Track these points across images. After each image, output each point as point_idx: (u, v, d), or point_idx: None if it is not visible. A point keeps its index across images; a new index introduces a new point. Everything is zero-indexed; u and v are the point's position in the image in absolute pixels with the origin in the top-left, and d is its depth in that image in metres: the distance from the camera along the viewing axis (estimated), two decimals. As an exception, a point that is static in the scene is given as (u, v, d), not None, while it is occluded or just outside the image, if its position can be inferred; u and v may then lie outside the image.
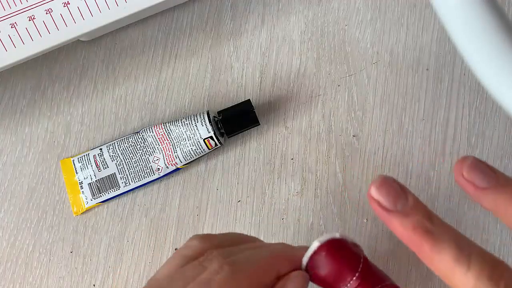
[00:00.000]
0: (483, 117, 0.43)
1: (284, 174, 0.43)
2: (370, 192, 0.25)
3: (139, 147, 0.42)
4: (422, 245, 0.23)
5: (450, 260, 0.23)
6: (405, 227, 0.24)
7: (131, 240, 0.43)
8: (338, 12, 0.44)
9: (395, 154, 0.43)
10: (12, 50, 0.38)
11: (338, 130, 0.43)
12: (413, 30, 0.44)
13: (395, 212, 0.24)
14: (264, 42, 0.44)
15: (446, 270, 0.23)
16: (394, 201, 0.24)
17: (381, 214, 0.25)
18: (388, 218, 0.24)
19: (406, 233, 0.24)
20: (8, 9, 0.38)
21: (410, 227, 0.24)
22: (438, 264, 0.23)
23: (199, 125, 0.41)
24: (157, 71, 0.45)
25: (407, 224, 0.24)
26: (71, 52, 0.45)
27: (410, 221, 0.24)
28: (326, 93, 0.44)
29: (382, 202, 0.24)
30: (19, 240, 0.43)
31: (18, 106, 0.45)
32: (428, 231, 0.24)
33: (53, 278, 0.43)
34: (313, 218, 0.43)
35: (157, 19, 0.45)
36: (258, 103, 0.44)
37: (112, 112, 0.44)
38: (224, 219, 0.43)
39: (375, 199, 0.25)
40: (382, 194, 0.24)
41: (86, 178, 0.42)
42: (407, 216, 0.24)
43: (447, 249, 0.23)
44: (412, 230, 0.24)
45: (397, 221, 0.24)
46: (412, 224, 0.24)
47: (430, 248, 0.23)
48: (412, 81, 0.44)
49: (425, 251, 0.23)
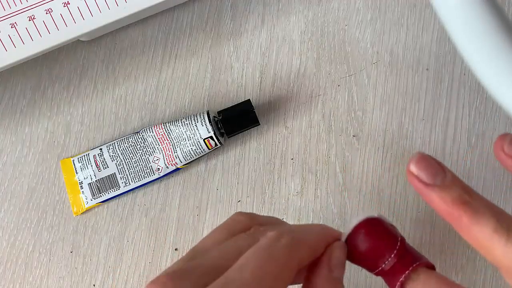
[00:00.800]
0: (483, 117, 0.43)
1: (284, 174, 0.43)
2: (409, 168, 0.26)
3: (139, 147, 0.42)
4: (461, 216, 0.24)
5: (489, 231, 0.23)
6: (444, 200, 0.25)
7: (131, 240, 0.43)
8: (338, 12, 0.44)
9: (395, 154, 0.43)
10: (12, 50, 0.38)
11: (338, 130, 0.43)
12: (413, 30, 0.44)
13: (434, 186, 0.25)
14: (264, 42, 0.44)
15: (484, 241, 0.24)
16: (433, 175, 0.25)
17: (420, 188, 0.25)
18: (427, 192, 0.25)
19: (445, 206, 0.25)
20: (8, 9, 0.38)
21: (449, 200, 0.24)
22: (477, 235, 0.24)
23: (199, 125, 0.41)
24: (157, 71, 0.45)
25: (446, 197, 0.25)
26: (71, 52, 0.45)
27: (449, 194, 0.25)
28: (326, 93, 0.44)
29: (421, 176, 0.25)
30: (19, 240, 0.43)
31: (18, 106, 0.45)
32: (467, 203, 0.24)
33: (53, 278, 0.43)
34: (313, 218, 0.43)
35: (157, 19, 0.45)
36: (258, 103, 0.44)
37: (112, 112, 0.44)
38: (224, 219, 0.43)
39: (415, 174, 0.25)
40: (421, 169, 0.25)
41: (86, 178, 0.42)
42: (446, 189, 0.25)
43: (486, 221, 0.24)
44: (451, 203, 0.24)
45: (436, 195, 0.25)
46: (451, 197, 0.24)
47: (469, 219, 0.24)
48: (412, 81, 0.44)
49: (464, 223, 0.24)
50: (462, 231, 0.25)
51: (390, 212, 0.42)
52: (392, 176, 0.43)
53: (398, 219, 0.42)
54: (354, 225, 0.29)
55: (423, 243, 0.42)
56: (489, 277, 0.41)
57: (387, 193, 0.42)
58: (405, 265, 0.28)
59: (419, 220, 0.42)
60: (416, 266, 0.28)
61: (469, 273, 0.42)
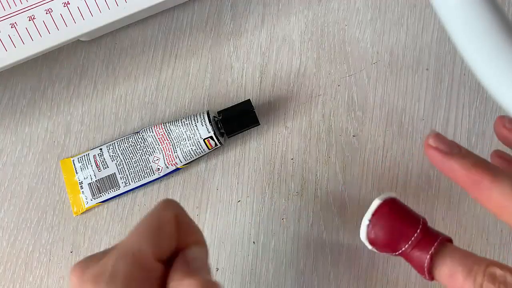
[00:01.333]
0: (483, 117, 0.43)
1: (284, 174, 0.43)
2: (427, 142, 0.27)
3: (139, 147, 0.42)
4: (483, 179, 0.25)
5: (508, 190, 0.25)
6: (464, 166, 0.26)
7: (131, 240, 0.43)
8: (338, 12, 0.44)
9: (395, 154, 0.43)
10: (12, 50, 0.38)
11: (338, 130, 0.43)
12: (413, 30, 0.44)
13: (454, 154, 0.26)
14: (264, 42, 0.44)
15: (504, 200, 0.25)
16: (451, 146, 0.27)
17: (441, 159, 0.27)
18: (448, 161, 0.26)
19: (465, 172, 0.26)
20: (8, 9, 0.38)
21: (470, 164, 0.26)
22: (497, 195, 0.25)
23: (199, 125, 0.41)
24: (157, 71, 0.45)
25: (466, 163, 0.26)
26: (71, 52, 0.45)
27: (470, 160, 0.26)
28: (326, 93, 0.44)
29: (441, 147, 0.27)
30: (19, 240, 0.43)
31: (18, 106, 0.45)
32: (486, 166, 0.26)
33: (53, 278, 0.43)
34: (313, 218, 0.43)
35: (157, 19, 0.45)
36: (258, 103, 0.44)
37: (112, 112, 0.44)
38: (224, 219, 0.43)
39: (434, 146, 0.27)
40: (439, 141, 0.27)
41: (86, 178, 0.42)
42: (465, 156, 0.26)
43: (506, 180, 0.25)
44: (473, 167, 0.26)
45: (456, 162, 0.26)
46: (472, 161, 0.26)
47: (490, 181, 0.25)
48: (412, 81, 0.44)
49: (485, 185, 0.25)
50: (482, 194, 0.26)
51: (390, 212, 0.42)
52: (392, 176, 0.43)
53: (398, 219, 0.42)
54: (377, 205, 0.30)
55: (423, 243, 0.42)
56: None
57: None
58: (431, 240, 0.29)
59: (419, 220, 0.42)
60: (442, 240, 0.29)
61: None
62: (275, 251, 0.42)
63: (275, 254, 0.42)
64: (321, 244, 0.42)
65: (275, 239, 0.43)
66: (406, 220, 0.30)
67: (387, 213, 0.30)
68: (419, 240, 0.29)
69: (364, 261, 0.42)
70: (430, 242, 0.29)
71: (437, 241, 0.29)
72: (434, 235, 0.29)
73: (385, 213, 0.30)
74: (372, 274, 0.42)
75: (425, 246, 0.29)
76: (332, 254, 0.42)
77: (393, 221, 0.30)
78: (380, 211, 0.30)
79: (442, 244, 0.29)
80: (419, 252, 0.29)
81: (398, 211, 0.30)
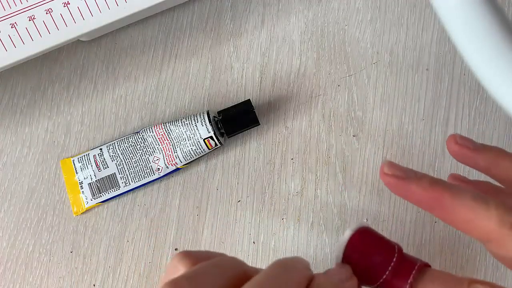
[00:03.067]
0: (483, 117, 0.43)
1: (284, 174, 0.43)
2: (383, 171, 0.27)
3: (139, 147, 0.42)
4: (443, 196, 0.26)
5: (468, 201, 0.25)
6: (423, 186, 0.26)
7: (131, 240, 0.43)
8: (338, 12, 0.44)
9: (395, 154, 0.43)
10: (12, 50, 0.38)
11: (338, 130, 0.43)
12: (413, 30, 0.44)
13: (411, 178, 0.27)
14: (264, 42, 0.44)
15: (468, 213, 0.25)
16: (406, 171, 0.27)
17: (398, 185, 0.27)
18: (406, 185, 0.27)
19: (425, 192, 0.26)
20: (8, 9, 0.38)
21: (428, 184, 0.26)
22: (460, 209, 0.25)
23: (199, 125, 0.41)
24: (157, 71, 0.45)
25: (424, 183, 0.26)
26: (71, 52, 0.45)
27: (426, 180, 0.26)
28: (326, 93, 0.44)
29: (397, 173, 0.27)
30: (19, 240, 0.43)
31: (18, 106, 0.45)
32: (443, 183, 0.26)
33: (53, 278, 0.43)
34: (313, 218, 0.43)
35: (157, 19, 0.45)
36: (258, 103, 0.44)
37: (112, 112, 0.44)
38: (224, 219, 0.43)
39: (390, 174, 0.27)
40: (394, 168, 0.27)
41: (86, 178, 0.42)
42: (421, 178, 0.27)
43: (465, 194, 0.25)
44: (430, 187, 0.26)
45: (414, 184, 0.26)
46: (429, 181, 0.26)
47: (450, 196, 0.25)
48: (412, 81, 0.44)
49: (446, 201, 0.26)
50: (445, 211, 0.26)
51: (390, 212, 0.42)
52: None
53: (398, 219, 0.42)
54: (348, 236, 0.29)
55: (423, 243, 0.42)
56: (489, 277, 0.41)
57: (387, 193, 0.42)
58: (409, 268, 0.28)
59: (419, 220, 0.42)
60: (420, 266, 0.28)
61: (469, 273, 0.42)
62: (275, 251, 0.42)
63: (275, 254, 0.42)
64: (321, 244, 0.42)
65: (275, 239, 0.43)
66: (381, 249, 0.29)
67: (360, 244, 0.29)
68: (396, 269, 0.28)
69: (364, 261, 0.42)
70: (408, 270, 0.28)
71: (415, 268, 0.28)
72: (412, 261, 0.28)
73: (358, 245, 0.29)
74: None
75: (404, 275, 0.28)
76: (332, 254, 0.42)
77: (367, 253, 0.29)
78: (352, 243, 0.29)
79: (420, 271, 0.28)
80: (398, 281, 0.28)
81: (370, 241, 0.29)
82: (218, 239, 0.43)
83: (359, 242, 0.29)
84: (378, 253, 0.29)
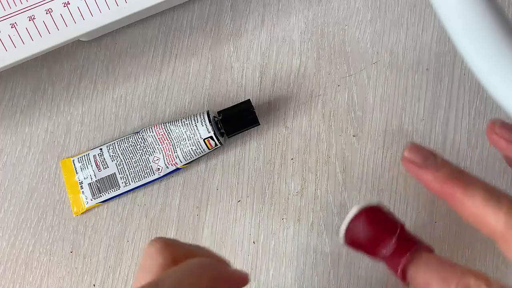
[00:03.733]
0: (483, 117, 0.43)
1: (284, 174, 0.43)
2: (403, 155, 0.28)
3: (139, 147, 0.42)
4: (455, 192, 0.26)
5: (480, 200, 0.25)
6: (437, 178, 0.27)
7: (131, 240, 0.43)
8: (338, 12, 0.44)
9: (395, 154, 0.43)
10: (12, 50, 0.38)
11: (338, 130, 0.43)
12: (413, 30, 0.44)
13: (428, 167, 0.27)
14: (264, 42, 0.44)
15: (477, 211, 0.25)
16: (425, 157, 0.27)
17: (415, 171, 0.27)
18: (422, 173, 0.27)
19: (438, 184, 0.27)
20: (8, 9, 0.38)
21: (442, 177, 0.26)
22: (470, 207, 0.25)
23: (199, 125, 0.41)
24: (157, 71, 0.45)
25: (439, 176, 0.27)
26: (71, 52, 0.45)
27: (442, 173, 0.27)
28: (326, 93, 0.44)
29: (415, 159, 0.27)
30: (19, 240, 0.43)
31: (18, 106, 0.45)
32: (458, 178, 0.26)
33: (53, 278, 0.43)
34: (313, 218, 0.43)
35: (157, 19, 0.45)
36: (258, 103, 0.44)
37: (112, 112, 0.44)
38: (224, 219, 0.43)
39: (409, 158, 0.28)
40: (414, 153, 0.28)
41: (86, 178, 0.42)
42: (438, 169, 0.27)
43: (478, 192, 0.25)
44: (444, 180, 0.26)
45: (430, 175, 0.27)
46: (444, 174, 0.27)
47: (461, 193, 0.26)
48: (412, 81, 0.44)
49: (457, 197, 0.26)
50: (456, 206, 0.26)
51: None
52: (392, 176, 0.43)
53: (398, 219, 0.42)
54: (354, 213, 0.30)
55: (423, 243, 0.42)
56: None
57: (387, 193, 0.42)
58: (406, 249, 0.28)
59: (419, 220, 0.42)
60: (416, 249, 0.28)
61: (469, 273, 0.41)
62: (275, 251, 0.42)
63: (275, 254, 0.42)
64: (321, 244, 0.42)
65: (275, 239, 0.43)
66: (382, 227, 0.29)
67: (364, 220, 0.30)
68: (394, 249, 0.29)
69: (364, 261, 0.42)
70: (404, 252, 0.28)
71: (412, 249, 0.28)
72: (410, 244, 0.29)
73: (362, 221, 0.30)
74: (372, 274, 0.42)
75: (399, 256, 0.28)
76: (332, 254, 0.42)
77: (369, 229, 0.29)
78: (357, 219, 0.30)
79: (417, 252, 0.28)
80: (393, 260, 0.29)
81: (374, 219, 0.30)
82: (218, 239, 0.43)
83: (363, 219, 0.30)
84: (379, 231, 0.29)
